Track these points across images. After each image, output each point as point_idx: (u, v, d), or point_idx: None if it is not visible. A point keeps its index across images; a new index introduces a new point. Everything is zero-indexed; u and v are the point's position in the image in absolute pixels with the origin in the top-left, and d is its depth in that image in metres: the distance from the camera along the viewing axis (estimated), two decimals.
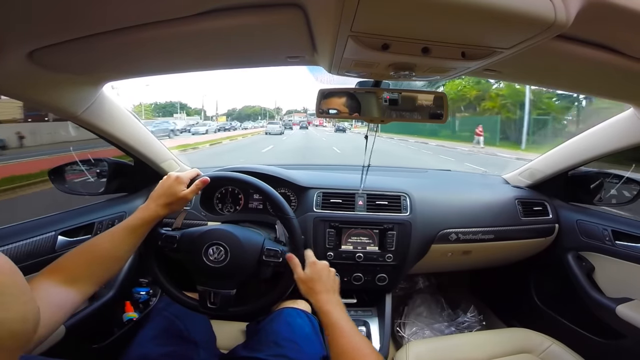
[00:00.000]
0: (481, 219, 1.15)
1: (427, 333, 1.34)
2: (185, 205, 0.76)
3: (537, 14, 0.38)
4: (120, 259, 0.65)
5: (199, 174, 0.77)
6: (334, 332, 0.64)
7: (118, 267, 0.65)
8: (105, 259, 0.62)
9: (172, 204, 0.71)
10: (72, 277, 0.56)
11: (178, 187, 0.71)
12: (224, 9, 0.50)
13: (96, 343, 0.97)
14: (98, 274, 0.60)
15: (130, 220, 0.67)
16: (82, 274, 0.58)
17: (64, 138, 7.44)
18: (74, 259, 0.59)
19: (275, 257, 0.77)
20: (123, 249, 0.64)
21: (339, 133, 24.79)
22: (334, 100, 0.75)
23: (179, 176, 0.73)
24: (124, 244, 0.64)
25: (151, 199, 0.70)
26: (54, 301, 0.51)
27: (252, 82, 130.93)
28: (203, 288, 0.76)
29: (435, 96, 0.75)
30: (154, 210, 0.69)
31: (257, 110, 64.17)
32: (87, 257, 0.60)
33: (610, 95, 0.85)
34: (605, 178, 1.16)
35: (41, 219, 0.84)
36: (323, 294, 0.70)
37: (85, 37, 0.53)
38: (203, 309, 0.77)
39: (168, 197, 0.70)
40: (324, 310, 0.68)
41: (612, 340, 1.01)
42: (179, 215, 0.81)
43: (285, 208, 0.79)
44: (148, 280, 1.16)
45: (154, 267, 0.78)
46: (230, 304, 0.76)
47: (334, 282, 0.76)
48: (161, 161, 1.14)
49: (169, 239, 0.77)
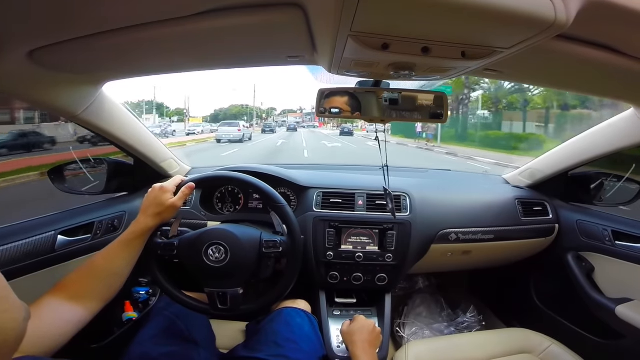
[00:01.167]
0: (481, 219, 1.15)
1: (427, 333, 1.34)
2: (176, 215, 0.77)
3: (538, 13, 0.38)
4: (118, 275, 0.66)
5: (183, 180, 0.77)
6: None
7: (118, 282, 0.66)
8: (104, 275, 0.64)
9: (162, 213, 0.72)
10: (76, 294, 0.58)
11: (164, 196, 0.72)
12: (223, 9, 0.49)
13: (96, 343, 0.97)
14: (99, 290, 0.62)
15: (124, 235, 0.69)
16: (85, 292, 0.60)
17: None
18: (76, 278, 0.61)
19: (275, 248, 0.78)
20: (119, 264, 0.66)
21: (344, 137, 20.03)
22: (334, 100, 0.75)
23: (163, 186, 0.74)
24: (118, 259, 0.66)
25: (141, 212, 0.72)
26: (61, 317, 0.53)
27: (247, 81, 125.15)
28: (210, 290, 0.76)
29: (436, 96, 0.75)
30: (144, 222, 0.70)
31: (244, 110, 55.40)
32: (86, 274, 0.62)
33: (610, 95, 0.84)
34: (605, 178, 1.16)
35: (40, 219, 0.84)
36: (359, 343, 0.78)
37: (85, 37, 0.53)
38: (215, 311, 0.77)
39: (156, 207, 0.72)
40: (355, 354, 0.76)
41: (611, 340, 1.01)
42: (174, 224, 0.81)
43: (275, 197, 0.80)
44: (148, 280, 1.16)
45: (160, 277, 0.79)
46: (239, 302, 0.77)
47: (375, 339, 0.82)
48: (161, 160, 1.14)
49: (168, 246, 0.77)
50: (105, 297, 0.63)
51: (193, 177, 0.79)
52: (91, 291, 0.60)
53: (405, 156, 9.71)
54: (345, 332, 0.83)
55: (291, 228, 0.79)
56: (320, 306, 1.10)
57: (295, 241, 0.79)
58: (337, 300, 1.15)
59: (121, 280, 0.67)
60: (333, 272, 1.09)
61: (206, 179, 0.83)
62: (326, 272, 1.09)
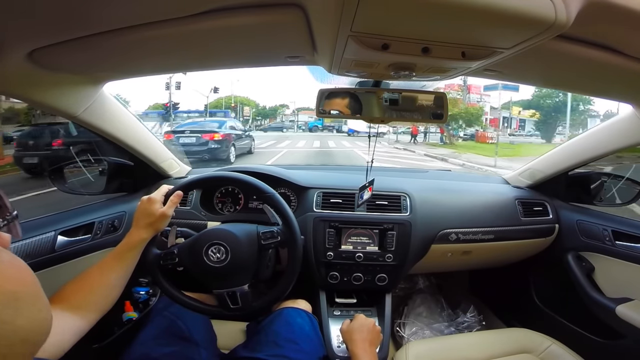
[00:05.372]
0: (481, 219, 1.15)
1: (427, 333, 1.34)
2: (170, 224, 0.78)
3: (538, 14, 0.38)
4: (112, 287, 0.66)
5: (170, 188, 0.78)
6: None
7: (114, 294, 0.67)
8: (98, 287, 0.64)
9: (154, 223, 0.73)
10: (73, 305, 0.58)
11: (153, 206, 0.73)
12: (223, 9, 0.49)
13: (96, 342, 0.97)
14: (95, 302, 0.63)
15: (118, 247, 0.70)
16: (82, 303, 0.60)
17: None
18: (73, 289, 0.62)
19: (273, 237, 0.78)
20: (113, 276, 0.66)
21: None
22: (334, 101, 0.76)
23: (150, 197, 0.75)
24: (112, 271, 0.67)
25: (133, 225, 0.73)
26: (58, 327, 0.53)
27: (251, 72, 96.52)
28: (219, 291, 0.76)
29: (436, 96, 0.75)
30: (137, 233, 0.71)
31: (244, 101, 35.03)
32: (82, 286, 0.63)
33: (610, 95, 0.85)
34: (605, 178, 1.16)
35: (40, 219, 0.84)
36: (359, 342, 0.78)
37: (85, 37, 0.53)
38: (228, 312, 0.77)
39: (146, 217, 0.72)
40: (354, 352, 0.77)
41: (611, 340, 1.01)
42: (170, 233, 0.81)
43: (261, 187, 0.80)
44: (148, 280, 1.16)
45: (168, 287, 0.79)
46: (249, 299, 0.77)
47: (375, 337, 0.83)
48: (161, 161, 1.14)
49: (169, 255, 0.77)
50: (103, 309, 0.64)
51: (179, 184, 0.79)
52: (88, 303, 0.61)
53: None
54: (344, 331, 0.83)
55: (285, 215, 0.78)
56: (320, 306, 1.10)
57: (292, 227, 0.78)
58: (337, 300, 1.15)
59: (117, 291, 0.67)
60: (333, 272, 1.09)
61: (191, 182, 0.83)
62: (326, 272, 1.09)
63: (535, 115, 19.46)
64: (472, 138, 17.58)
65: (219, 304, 0.78)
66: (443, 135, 15.74)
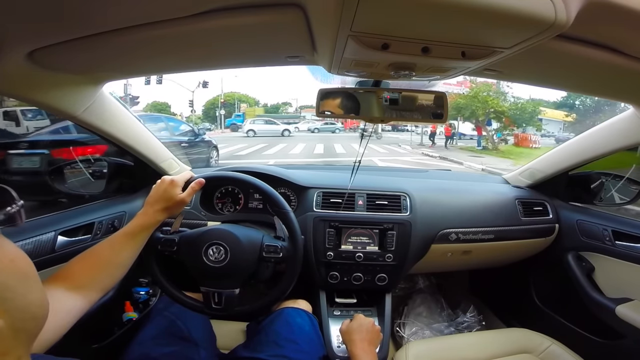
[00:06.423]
0: (481, 218, 1.15)
1: (427, 333, 1.34)
2: (186, 206, 0.76)
3: (538, 13, 0.38)
4: (121, 266, 0.65)
5: (193, 175, 0.77)
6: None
7: (120, 274, 0.65)
8: (107, 265, 0.63)
9: (170, 208, 0.71)
10: (77, 283, 0.57)
11: (174, 190, 0.71)
12: (223, 9, 0.49)
13: (96, 343, 0.97)
14: (101, 280, 0.61)
15: (129, 226, 0.67)
16: (87, 281, 0.59)
17: None
18: (78, 266, 0.60)
19: (275, 253, 0.78)
20: (123, 256, 0.65)
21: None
22: (334, 101, 0.75)
23: (173, 179, 0.73)
24: (124, 250, 0.65)
25: (148, 205, 0.70)
26: (61, 307, 0.52)
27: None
28: (206, 289, 0.76)
29: (436, 96, 0.75)
30: (152, 215, 0.69)
31: (231, 101, 30.94)
32: (90, 263, 0.61)
33: (610, 95, 0.84)
34: (605, 178, 1.16)
35: (41, 219, 0.84)
36: (358, 342, 0.78)
37: (85, 37, 0.53)
38: (208, 310, 0.77)
39: (165, 201, 0.70)
40: (353, 353, 0.76)
41: (611, 340, 1.01)
42: (177, 218, 0.81)
43: (281, 203, 0.80)
44: (148, 280, 1.16)
45: (157, 272, 0.79)
46: (234, 303, 0.77)
47: (374, 337, 0.82)
48: (161, 161, 1.14)
49: (168, 242, 0.77)
50: (106, 288, 0.63)
51: (205, 174, 0.78)
52: (94, 281, 0.60)
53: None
54: (344, 331, 0.83)
55: (294, 235, 0.79)
56: (320, 306, 1.10)
57: (297, 248, 0.79)
58: (337, 300, 1.15)
59: (123, 271, 0.66)
60: (333, 272, 1.09)
61: (218, 177, 0.83)
62: (326, 272, 1.09)
63: (569, 117, 17.95)
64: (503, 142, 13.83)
65: (203, 300, 0.78)
66: (480, 137, 13.08)
